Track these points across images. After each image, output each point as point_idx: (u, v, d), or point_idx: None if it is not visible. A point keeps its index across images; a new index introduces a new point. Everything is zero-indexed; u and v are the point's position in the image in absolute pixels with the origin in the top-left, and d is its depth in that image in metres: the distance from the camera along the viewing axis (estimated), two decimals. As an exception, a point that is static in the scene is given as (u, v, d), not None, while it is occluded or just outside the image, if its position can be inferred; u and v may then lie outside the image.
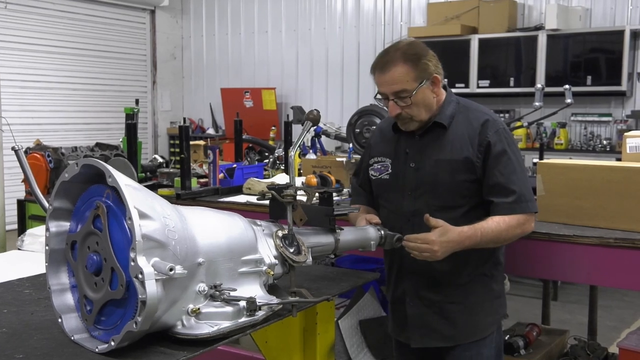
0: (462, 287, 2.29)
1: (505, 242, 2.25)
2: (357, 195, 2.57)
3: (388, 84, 2.19)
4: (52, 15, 8.58)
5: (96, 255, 1.61)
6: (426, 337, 2.34)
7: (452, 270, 2.26)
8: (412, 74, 2.17)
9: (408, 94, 2.18)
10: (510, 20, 7.28)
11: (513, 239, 2.25)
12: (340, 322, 3.49)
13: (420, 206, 2.26)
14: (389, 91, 2.20)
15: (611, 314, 5.16)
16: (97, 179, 1.65)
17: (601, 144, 7.06)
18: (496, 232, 2.18)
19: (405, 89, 2.18)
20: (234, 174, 4.05)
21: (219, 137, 9.31)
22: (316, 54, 9.08)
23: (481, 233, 2.16)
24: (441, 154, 2.24)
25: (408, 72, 2.17)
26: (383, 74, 2.20)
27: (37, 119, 8.37)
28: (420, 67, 2.18)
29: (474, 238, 2.15)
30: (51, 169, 4.18)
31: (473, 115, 2.27)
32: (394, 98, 2.20)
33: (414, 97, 2.18)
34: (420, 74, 2.18)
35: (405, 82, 2.17)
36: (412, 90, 2.17)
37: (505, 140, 2.22)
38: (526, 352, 3.45)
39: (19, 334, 1.75)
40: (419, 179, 2.27)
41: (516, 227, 2.20)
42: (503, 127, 2.26)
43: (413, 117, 2.23)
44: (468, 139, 2.22)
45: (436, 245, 2.10)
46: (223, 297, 1.68)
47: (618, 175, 2.66)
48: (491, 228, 2.17)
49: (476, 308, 2.30)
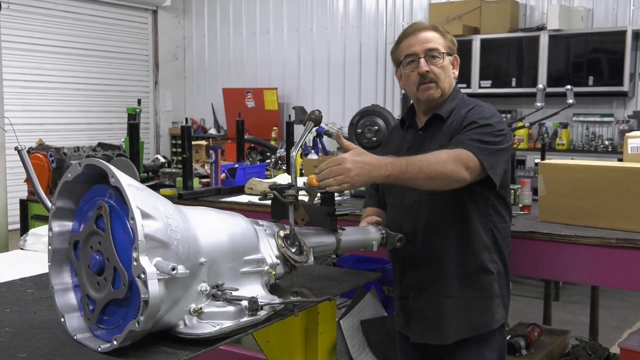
0: (462, 283, 2.27)
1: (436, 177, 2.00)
2: (369, 197, 2.62)
3: (421, 42, 2.26)
4: (54, 16, 8.60)
5: (99, 255, 1.61)
6: (424, 333, 2.34)
7: (454, 266, 2.26)
8: (443, 41, 2.28)
9: (440, 55, 2.26)
10: (512, 20, 7.28)
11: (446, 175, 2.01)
12: (341, 322, 3.49)
13: (420, 198, 2.27)
14: (422, 49, 2.26)
15: (613, 314, 5.15)
16: (99, 178, 1.66)
17: (603, 145, 7.05)
18: (424, 161, 1.98)
19: (438, 49, 2.26)
20: (235, 174, 4.05)
21: (221, 137, 9.32)
22: (318, 54, 9.09)
23: (407, 160, 1.97)
24: (438, 146, 2.22)
25: (440, 37, 2.28)
26: (415, 36, 2.28)
27: (40, 119, 8.39)
28: (449, 39, 2.30)
29: (397, 164, 1.94)
30: (54, 169, 4.18)
31: (468, 107, 2.28)
32: (425, 56, 2.25)
33: (444, 61, 2.27)
34: (449, 45, 2.30)
35: (438, 44, 2.27)
36: (443, 53, 2.26)
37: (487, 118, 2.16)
38: (527, 352, 3.45)
39: (21, 333, 1.76)
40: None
41: (448, 161, 1.99)
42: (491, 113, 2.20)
43: (439, 80, 2.27)
44: (458, 126, 2.23)
45: (348, 163, 1.87)
46: (225, 296, 1.69)
47: (620, 176, 2.66)
48: (419, 157, 2.00)
49: (474, 306, 2.28)
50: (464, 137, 2.13)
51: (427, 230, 2.27)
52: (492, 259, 2.30)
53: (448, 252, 2.24)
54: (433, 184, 2.05)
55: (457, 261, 2.26)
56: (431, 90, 2.28)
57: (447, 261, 2.26)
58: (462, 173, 2.02)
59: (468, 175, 2.04)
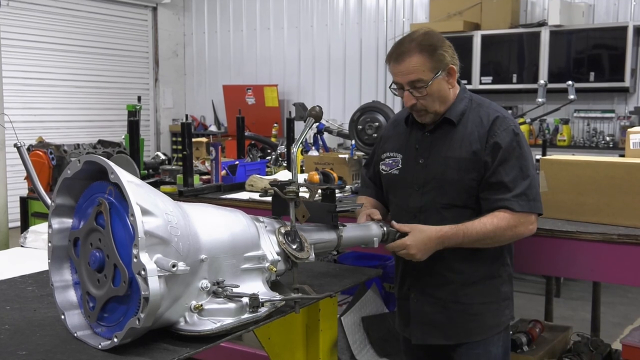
0: (467, 286, 2.25)
1: (496, 243, 2.19)
2: (366, 187, 2.56)
3: (403, 74, 2.16)
4: (54, 13, 8.59)
5: (99, 252, 1.61)
6: (427, 334, 2.32)
7: (458, 269, 2.24)
8: (427, 64, 2.14)
9: (423, 84, 2.15)
10: (513, 16, 7.27)
11: (506, 241, 2.20)
12: (342, 319, 3.49)
13: (427, 203, 2.24)
14: (404, 81, 2.17)
15: (614, 311, 5.15)
16: (99, 175, 1.65)
17: (604, 140, 7.05)
18: (481, 234, 2.12)
19: (420, 79, 2.15)
20: (236, 170, 4.05)
21: (221, 134, 9.32)
22: (318, 51, 9.07)
23: (464, 234, 2.12)
24: (450, 151, 2.20)
25: (424, 62, 2.14)
26: (398, 64, 2.17)
27: (40, 116, 8.38)
28: (436, 57, 2.15)
29: (454, 238, 2.13)
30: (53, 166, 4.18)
31: (484, 112, 2.22)
32: (409, 88, 2.17)
33: (430, 88, 2.15)
34: (436, 65, 2.16)
35: (421, 72, 2.14)
36: (427, 81, 2.15)
37: (514, 138, 2.17)
38: (529, 348, 3.44)
39: (22, 330, 1.75)
40: (427, 176, 2.24)
41: (506, 229, 2.13)
42: (514, 125, 2.21)
43: (428, 108, 2.20)
44: (477, 137, 2.18)
45: (413, 249, 2.12)
46: (226, 293, 1.68)
47: (621, 172, 2.65)
48: (476, 229, 2.12)
49: (480, 309, 2.26)
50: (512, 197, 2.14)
51: None
52: (503, 263, 2.29)
53: (457, 260, 2.22)
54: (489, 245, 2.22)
55: (467, 268, 2.24)
56: (422, 117, 2.25)
57: (455, 268, 2.24)
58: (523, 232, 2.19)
59: (531, 230, 2.20)
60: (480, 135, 2.18)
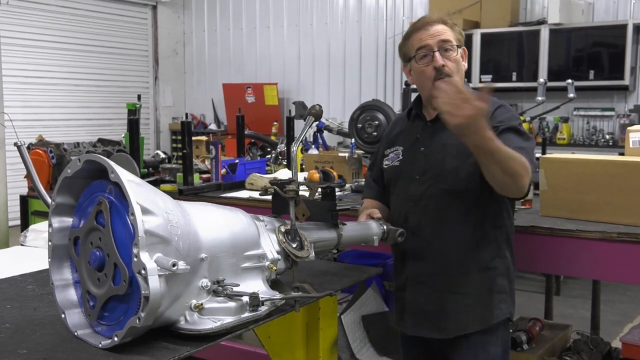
0: (461, 276, 2.25)
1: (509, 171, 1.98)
2: (369, 188, 2.56)
3: (434, 35, 2.22)
4: (53, 11, 8.59)
5: (99, 251, 1.61)
6: (418, 325, 2.32)
7: (454, 258, 2.25)
8: (453, 34, 2.24)
9: (453, 47, 2.22)
10: (513, 14, 7.26)
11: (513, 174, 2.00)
12: (342, 317, 3.49)
13: (428, 190, 2.24)
14: (435, 41, 2.21)
15: (614, 309, 5.15)
16: (99, 174, 1.65)
17: (604, 139, 7.05)
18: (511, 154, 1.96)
19: (451, 41, 2.22)
20: (236, 169, 4.05)
21: (221, 132, 9.31)
22: (318, 49, 9.07)
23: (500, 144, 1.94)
24: (450, 139, 2.19)
25: (450, 30, 2.24)
26: (426, 29, 2.23)
27: (40, 115, 8.38)
28: (457, 31, 2.27)
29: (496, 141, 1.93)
30: (53, 165, 4.18)
31: None
32: (438, 49, 2.21)
33: (457, 54, 2.23)
34: (459, 37, 2.26)
35: (450, 36, 2.23)
36: (456, 46, 2.23)
37: (516, 120, 2.22)
38: (529, 346, 3.44)
39: (22, 329, 1.75)
40: (427, 163, 2.26)
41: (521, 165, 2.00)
42: (514, 113, 2.27)
43: (454, 74, 2.21)
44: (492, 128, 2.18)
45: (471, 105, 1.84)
46: (226, 292, 1.69)
47: (621, 170, 2.66)
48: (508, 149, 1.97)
49: (473, 300, 2.26)
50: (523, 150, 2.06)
51: (435, 224, 2.25)
52: (500, 255, 2.28)
53: (455, 248, 2.22)
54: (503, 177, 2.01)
55: (464, 257, 2.24)
56: None
57: (453, 257, 2.24)
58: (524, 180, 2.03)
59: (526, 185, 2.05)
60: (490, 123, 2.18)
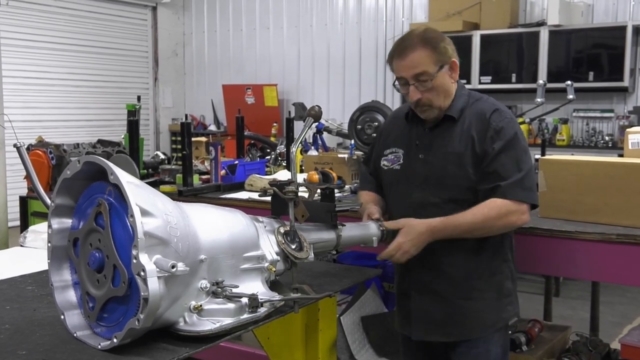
0: (468, 282, 2.25)
1: (488, 233, 2.19)
2: (366, 182, 2.55)
3: (408, 68, 2.15)
4: (53, 12, 8.58)
5: (98, 253, 1.61)
6: (427, 332, 2.33)
7: (459, 265, 2.24)
8: (432, 57, 2.15)
9: (429, 77, 2.15)
10: (512, 16, 7.26)
11: (498, 230, 2.19)
12: (342, 319, 3.49)
13: (428, 198, 2.24)
14: (410, 75, 2.16)
15: (613, 310, 5.15)
16: (99, 176, 1.65)
17: (603, 140, 7.04)
18: (471, 225, 2.14)
19: (426, 72, 2.14)
20: (235, 170, 4.05)
21: (221, 133, 9.31)
22: (318, 50, 9.07)
23: (453, 226, 2.14)
24: (450, 147, 2.21)
25: (428, 55, 2.14)
26: (402, 59, 2.17)
27: (39, 116, 8.37)
28: (439, 50, 2.16)
29: (444, 231, 2.15)
30: (53, 166, 4.18)
31: (482, 106, 2.23)
32: (414, 82, 2.16)
33: (435, 81, 2.16)
34: (440, 58, 2.16)
35: (426, 65, 2.14)
36: (432, 74, 2.15)
37: (512, 131, 2.18)
38: (528, 348, 3.44)
39: (21, 330, 1.76)
40: (428, 171, 2.25)
41: (496, 218, 2.13)
42: (510, 117, 2.23)
43: (433, 103, 2.19)
44: (476, 131, 2.19)
45: (406, 245, 2.14)
46: (225, 293, 1.69)
47: (620, 171, 2.66)
48: (466, 220, 2.13)
49: (482, 305, 2.26)
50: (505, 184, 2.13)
51: None
52: (505, 259, 2.29)
53: (459, 255, 2.22)
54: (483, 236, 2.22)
55: (469, 264, 2.24)
56: (426, 112, 2.25)
57: (457, 264, 2.24)
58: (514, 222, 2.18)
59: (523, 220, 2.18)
60: (479, 129, 2.19)
